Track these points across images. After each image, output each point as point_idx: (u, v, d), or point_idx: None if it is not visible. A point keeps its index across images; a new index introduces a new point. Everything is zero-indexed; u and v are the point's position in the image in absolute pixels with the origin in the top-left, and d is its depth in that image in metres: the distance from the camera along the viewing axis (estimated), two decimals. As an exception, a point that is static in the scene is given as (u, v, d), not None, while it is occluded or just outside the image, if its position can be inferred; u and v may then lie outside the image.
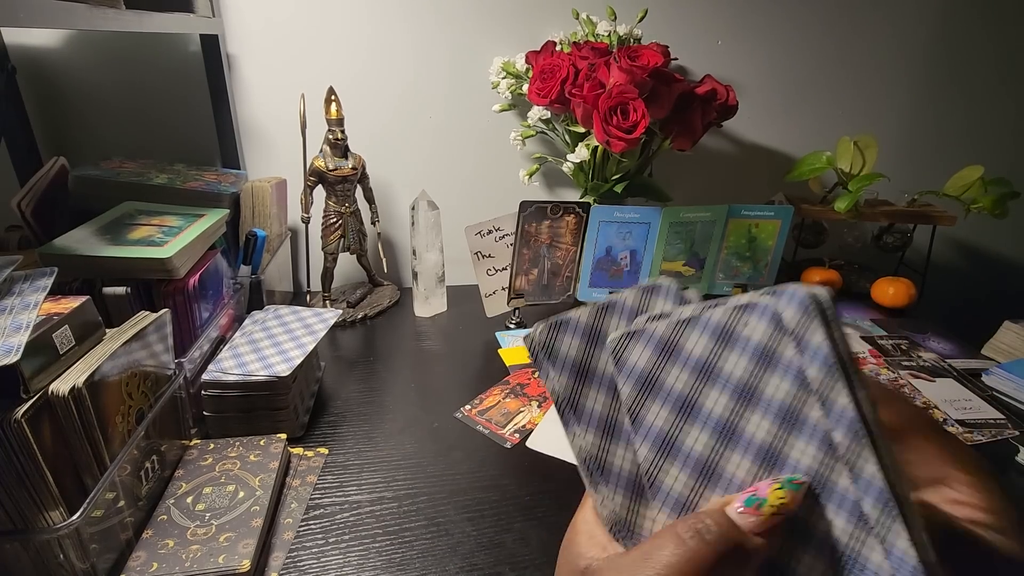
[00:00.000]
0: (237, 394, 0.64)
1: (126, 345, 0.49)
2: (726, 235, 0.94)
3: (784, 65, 1.09)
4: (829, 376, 0.20)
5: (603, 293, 0.95)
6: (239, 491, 0.54)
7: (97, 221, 0.69)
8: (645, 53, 0.81)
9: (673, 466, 0.23)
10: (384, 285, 1.05)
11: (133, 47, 0.88)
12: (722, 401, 0.23)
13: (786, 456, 0.21)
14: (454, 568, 0.51)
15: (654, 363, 0.24)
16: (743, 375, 0.22)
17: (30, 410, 0.39)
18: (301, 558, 0.52)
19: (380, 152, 0.99)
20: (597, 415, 0.25)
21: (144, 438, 0.51)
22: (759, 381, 0.22)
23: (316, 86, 0.86)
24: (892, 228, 1.11)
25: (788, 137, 1.15)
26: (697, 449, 0.23)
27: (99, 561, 0.45)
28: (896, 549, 0.19)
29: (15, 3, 0.41)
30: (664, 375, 0.24)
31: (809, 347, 0.21)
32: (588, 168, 0.93)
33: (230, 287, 0.77)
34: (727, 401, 0.22)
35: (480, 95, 0.99)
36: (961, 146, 1.20)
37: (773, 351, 0.22)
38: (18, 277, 0.47)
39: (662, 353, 0.24)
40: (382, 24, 0.94)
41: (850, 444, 0.20)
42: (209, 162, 0.94)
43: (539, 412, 0.72)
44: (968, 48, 1.13)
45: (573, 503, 0.27)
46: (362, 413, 0.72)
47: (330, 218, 0.92)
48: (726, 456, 0.22)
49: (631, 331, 0.25)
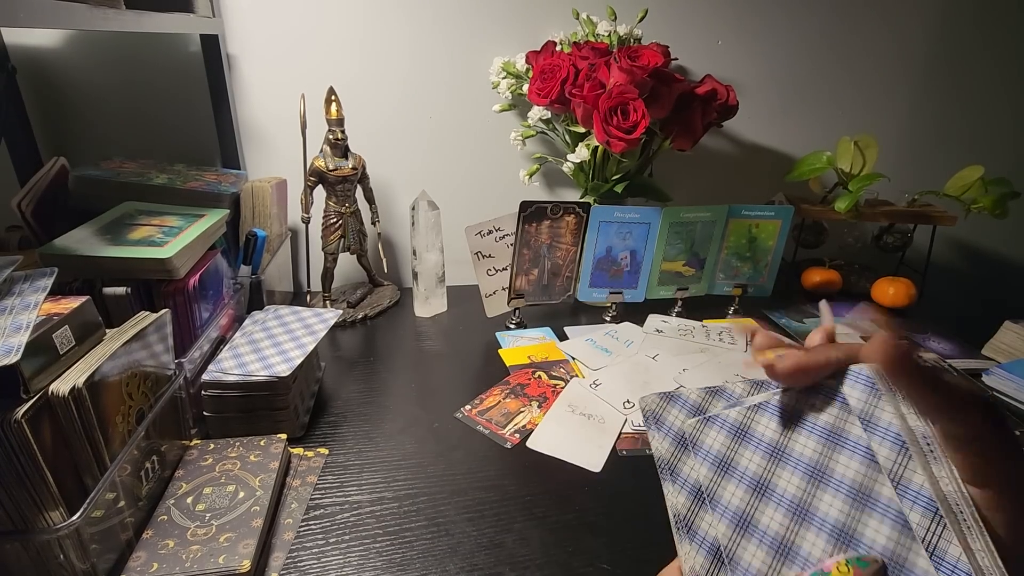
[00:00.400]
0: (237, 394, 0.64)
1: (126, 345, 0.49)
2: (726, 235, 0.94)
3: (784, 65, 1.09)
4: (901, 455, 0.21)
5: (603, 293, 0.95)
6: (239, 491, 0.54)
7: (97, 221, 0.69)
8: (645, 53, 0.81)
9: (750, 543, 0.25)
10: (384, 285, 1.05)
11: (133, 47, 0.88)
12: (794, 481, 0.24)
13: (861, 534, 0.22)
14: (454, 568, 0.51)
15: (728, 446, 0.26)
16: (813, 455, 0.24)
17: (30, 410, 0.39)
18: (301, 558, 0.52)
19: (380, 152, 0.99)
20: (692, 481, 0.27)
21: (144, 438, 0.51)
22: (829, 460, 0.23)
23: (316, 86, 0.86)
24: (892, 228, 1.11)
25: (788, 137, 1.15)
26: (773, 527, 0.24)
27: (99, 561, 0.45)
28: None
29: (15, 3, 0.41)
30: (738, 457, 0.26)
31: (878, 426, 0.22)
32: (588, 168, 0.93)
33: (230, 287, 0.77)
34: (799, 481, 0.24)
35: (480, 95, 0.99)
36: (961, 146, 1.20)
37: (841, 430, 0.23)
38: (18, 277, 0.47)
39: (735, 436, 0.26)
40: (382, 24, 0.94)
41: (929, 525, 0.20)
42: (209, 162, 0.94)
43: (539, 412, 0.72)
44: (968, 48, 1.13)
45: (573, 503, 0.27)
46: (362, 413, 0.72)
47: (330, 218, 0.92)
48: (801, 534, 0.23)
49: (707, 416, 0.27)
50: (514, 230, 0.86)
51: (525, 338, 0.90)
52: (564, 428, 0.69)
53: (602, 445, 0.66)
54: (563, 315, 0.98)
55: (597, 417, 0.71)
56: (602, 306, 0.98)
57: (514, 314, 0.94)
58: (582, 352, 0.85)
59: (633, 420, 0.71)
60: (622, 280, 0.95)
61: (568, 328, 0.93)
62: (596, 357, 0.84)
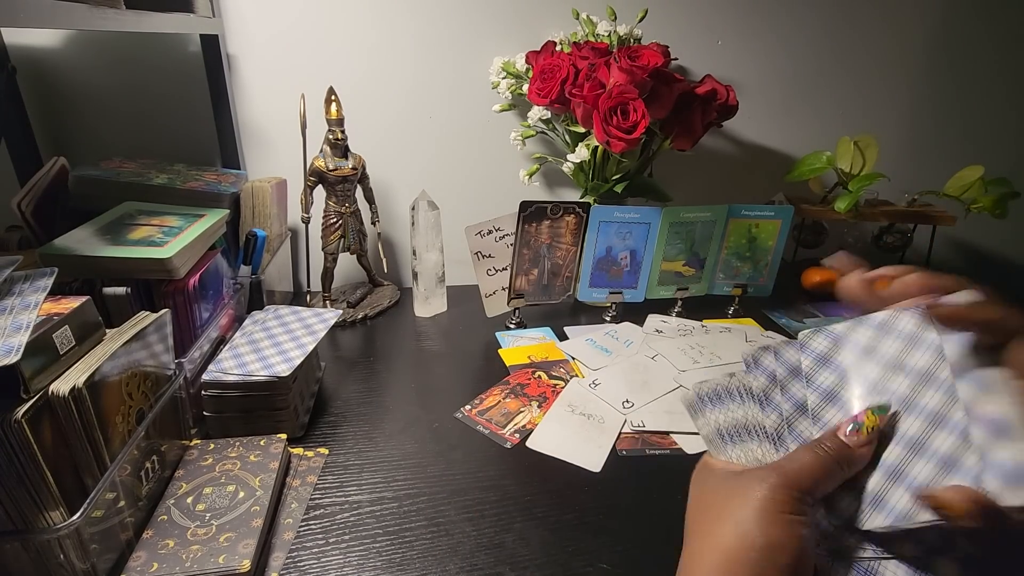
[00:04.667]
0: (237, 394, 0.64)
1: (126, 345, 0.49)
2: (726, 235, 0.94)
3: (784, 65, 1.09)
4: (981, 390, 0.28)
5: (603, 293, 0.95)
6: (239, 491, 0.54)
7: (97, 221, 0.69)
8: (645, 53, 0.81)
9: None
10: (384, 285, 1.05)
11: (133, 47, 0.88)
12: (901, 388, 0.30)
13: (931, 443, 0.28)
14: (454, 568, 0.51)
15: (835, 381, 0.33)
16: (906, 390, 0.30)
17: (30, 410, 0.39)
18: (301, 558, 0.52)
19: (380, 152, 0.99)
20: (789, 406, 0.34)
21: (144, 438, 0.51)
22: (917, 395, 0.29)
23: (316, 86, 0.86)
24: (892, 228, 1.11)
25: (788, 137, 1.15)
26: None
27: (99, 561, 0.45)
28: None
29: (15, 3, 0.41)
30: (846, 391, 0.33)
31: (966, 374, 0.28)
32: (588, 168, 0.93)
33: (230, 287, 0.77)
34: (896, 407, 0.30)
35: (480, 95, 0.99)
36: (961, 146, 1.20)
37: (933, 372, 0.29)
38: (18, 277, 0.47)
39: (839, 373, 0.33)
40: (382, 24, 0.94)
41: (984, 440, 0.27)
42: (209, 162, 0.94)
43: (539, 412, 0.72)
44: (968, 48, 1.13)
45: (573, 503, 0.27)
46: (362, 413, 0.72)
47: (330, 218, 0.92)
48: (890, 448, 0.30)
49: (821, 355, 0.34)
50: (514, 230, 0.86)
51: (525, 338, 0.90)
52: (564, 428, 0.69)
53: (602, 445, 0.66)
54: (563, 315, 0.98)
55: (597, 417, 0.71)
56: (602, 306, 0.98)
57: (514, 314, 0.94)
58: (582, 352, 0.85)
59: (632, 420, 0.71)
60: (622, 280, 0.95)
61: (568, 328, 0.93)
62: (596, 357, 0.84)
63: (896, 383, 0.30)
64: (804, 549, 0.29)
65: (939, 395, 0.28)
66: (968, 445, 0.27)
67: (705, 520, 0.32)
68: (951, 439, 0.27)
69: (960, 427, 0.27)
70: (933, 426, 0.28)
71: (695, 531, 0.33)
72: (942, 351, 0.29)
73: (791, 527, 0.29)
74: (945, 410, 0.28)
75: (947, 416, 0.28)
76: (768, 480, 0.30)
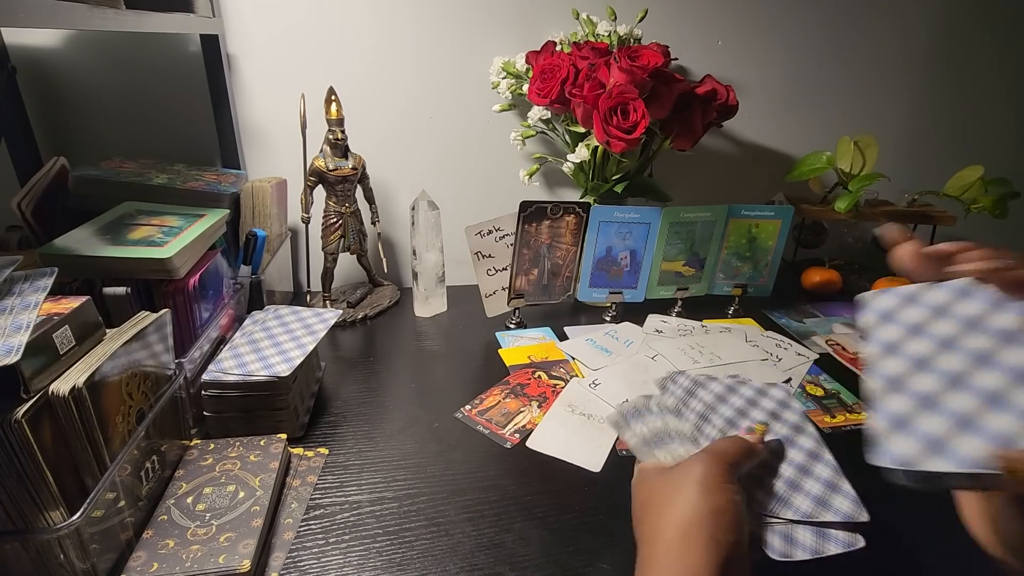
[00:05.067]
0: (237, 394, 0.64)
1: (126, 345, 0.49)
2: (726, 235, 0.94)
3: (784, 65, 1.09)
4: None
5: (603, 293, 0.95)
6: (239, 491, 0.54)
7: (97, 221, 0.69)
8: (645, 53, 0.81)
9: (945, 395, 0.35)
10: (384, 285, 1.05)
11: (133, 47, 0.88)
12: (966, 362, 0.34)
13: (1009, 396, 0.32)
14: (454, 568, 0.51)
15: (931, 348, 0.36)
16: (984, 351, 0.34)
17: (30, 410, 0.39)
18: (301, 558, 0.52)
19: (380, 152, 0.99)
20: (897, 369, 0.36)
21: (144, 438, 0.51)
22: (995, 354, 0.34)
23: (316, 86, 0.86)
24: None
25: (788, 137, 1.15)
26: (945, 390, 0.35)
27: (99, 561, 0.45)
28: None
29: (15, 3, 0.41)
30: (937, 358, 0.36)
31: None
32: (588, 168, 0.93)
33: (230, 287, 0.77)
34: (970, 364, 0.34)
35: (480, 95, 0.99)
36: (961, 146, 1.20)
37: (1017, 334, 0.34)
38: (18, 277, 0.47)
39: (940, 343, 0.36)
40: (382, 24, 0.94)
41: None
42: (209, 162, 0.94)
43: (539, 412, 0.72)
44: (968, 48, 1.13)
45: (573, 503, 0.27)
46: (362, 413, 0.72)
47: (330, 218, 0.92)
48: (968, 400, 0.34)
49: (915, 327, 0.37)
50: (514, 230, 0.86)
51: (525, 338, 0.90)
52: (564, 428, 0.69)
53: (602, 445, 0.66)
54: (563, 315, 0.98)
55: (597, 417, 0.71)
56: (602, 306, 0.98)
57: (514, 314, 0.94)
58: (582, 352, 0.85)
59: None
60: (622, 280, 0.95)
61: (568, 328, 0.93)
62: (596, 357, 0.84)
63: (974, 342, 0.35)
64: (739, 512, 0.37)
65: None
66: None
67: (655, 508, 0.39)
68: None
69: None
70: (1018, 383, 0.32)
71: (647, 521, 0.39)
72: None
73: (728, 493, 0.37)
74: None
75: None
76: (703, 460, 0.39)
